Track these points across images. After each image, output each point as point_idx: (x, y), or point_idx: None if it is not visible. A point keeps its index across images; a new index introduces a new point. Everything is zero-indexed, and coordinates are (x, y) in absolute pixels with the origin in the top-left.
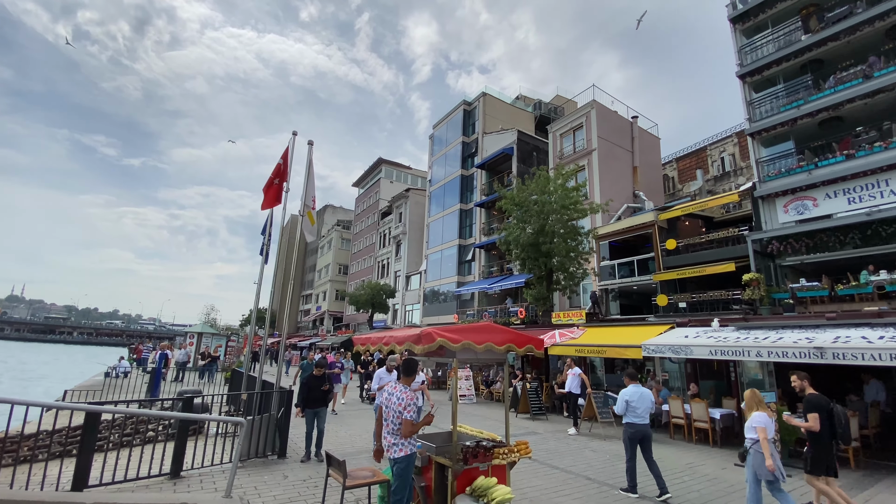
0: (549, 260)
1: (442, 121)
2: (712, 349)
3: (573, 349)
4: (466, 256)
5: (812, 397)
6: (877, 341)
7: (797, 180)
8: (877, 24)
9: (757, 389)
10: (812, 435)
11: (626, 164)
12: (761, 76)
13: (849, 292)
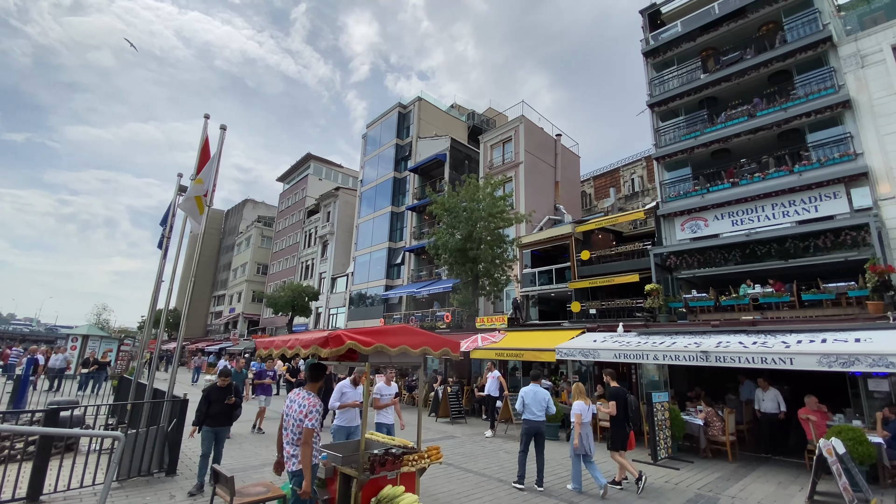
0: (476, 266)
1: (376, 121)
2: (616, 352)
3: (493, 353)
4: (396, 260)
5: (613, 389)
6: (751, 346)
7: (692, 202)
8: (761, 69)
9: (581, 383)
10: (612, 419)
11: (549, 179)
12: (667, 107)
13: (730, 303)
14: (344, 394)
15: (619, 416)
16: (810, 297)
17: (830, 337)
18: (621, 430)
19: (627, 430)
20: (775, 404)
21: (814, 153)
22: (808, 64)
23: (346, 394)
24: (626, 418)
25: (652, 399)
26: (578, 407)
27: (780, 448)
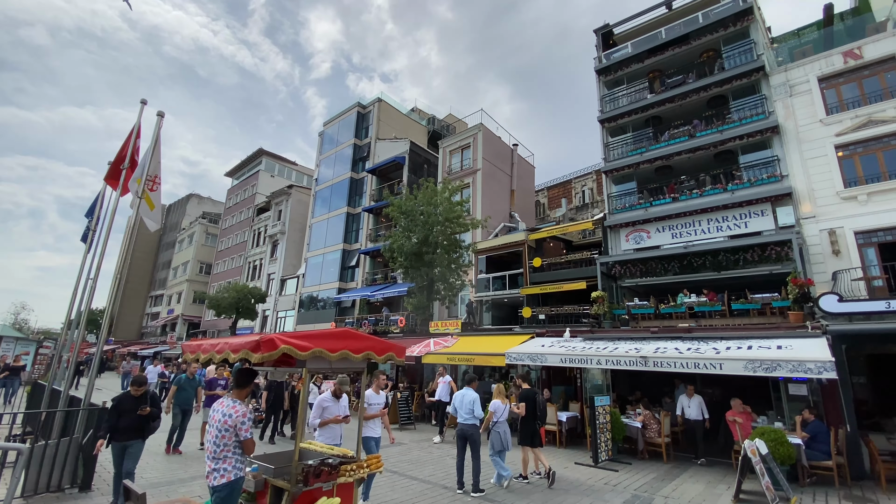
0: (432, 270)
1: (334, 119)
2: (563, 357)
3: (445, 357)
4: (350, 262)
5: (523, 391)
6: (685, 352)
7: (636, 215)
8: (701, 93)
9: (502, 385)
10: (522, 417)
11: (505, 187)
12: (616, 124)
13: (669, 311)
14: (325, 408)
15: (528, 416)
16: (739, 306)
17: (756, 344)
18: (529, 427)
19: (536, 427)
20: (699, 411)
21: (745, 173)
22: (743, 90)
23: (328, 408)
24: (535, 416)
25: (594, 403)
26: (494, 405)
27: (709, 450)
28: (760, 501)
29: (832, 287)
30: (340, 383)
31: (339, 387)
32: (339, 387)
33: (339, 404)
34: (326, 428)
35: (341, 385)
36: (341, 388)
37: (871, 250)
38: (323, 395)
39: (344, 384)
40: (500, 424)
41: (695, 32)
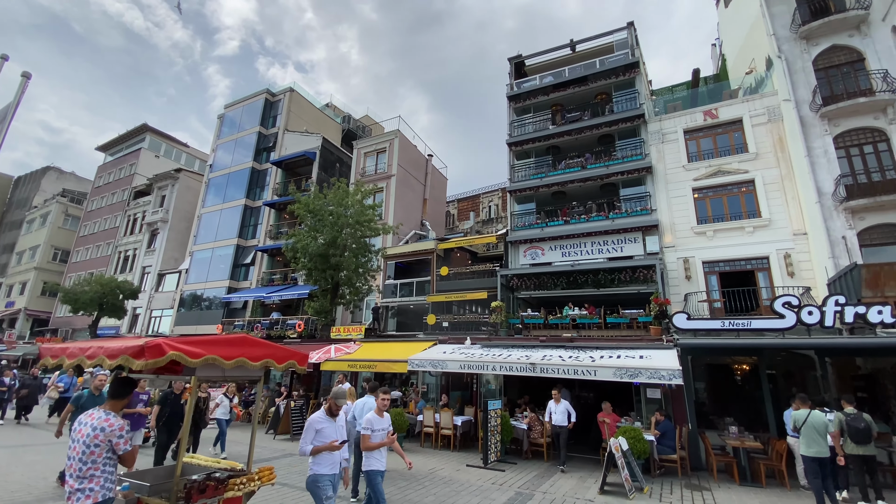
0: (337, 273)
1: (238, 102)
2: (462, 364)
3: (346, 364)
4: (245, 259)
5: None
6: (567, 360)
7: (534, 233)
8: (593, 130)
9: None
10: None
11: (418, 195)
12: (522, 148)
13: (556, 322)
14: (319, 430)
15: None
16: (612, 320)
17: (623, 354)
18: None
19: None
20: (565, 417)
21: (624, 205)
22: (627, 132)
23: (322, 430)
24: None
25: (487, 406)
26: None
27: (581, 448)
28: (620, 491)
29: (683, 307)
30: (335, 397)
31: (335, 402)
32: (333, 402)
33: (336, 425)
34: (320, 457)
35: (336, 399)
36: (337, 404)
37: (714, 277)
38: (316, 415)
39: (340, 398)
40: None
41: (592, 76)
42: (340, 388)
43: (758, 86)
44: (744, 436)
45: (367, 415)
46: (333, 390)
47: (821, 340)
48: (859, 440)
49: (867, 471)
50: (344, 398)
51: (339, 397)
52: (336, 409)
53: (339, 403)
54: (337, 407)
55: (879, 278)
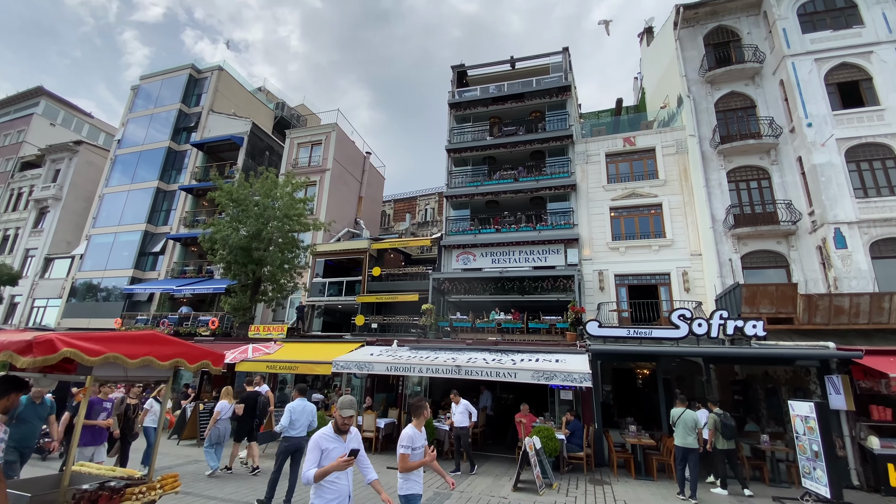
0: (260, 268)
1: (158, 75)
2: (389, 366)
3: (264, 365)
4: (154, 247)
5: (245, 393)
6: (490, 362)
7: (467, 239)
8: (527, 146)
9: (230, 387)
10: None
11: (354, 193)
12: (460, 155)
13: (483, 325)
14: (325, 451)
15: (245, 415)
16: (534, 325)
17: (542, 357)
18: (245, 426)
19: (253, 426)
20: (465, 417)
21: (550, 218)
22: (557, 150)
23: (328, 451)
24: (253, 416)
25: None
26: (220, 405)
27: (499, 447)
28: (532, 488)
29: (596, 315)
30: (343, 407)
31: (344, 417)
32: (342, 418)
33: (347, 445)
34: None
35: (343, 411)
36: (346, 420)
37: (623, 289)
38: (322, 432)
39: (347, 409)
40: (222, 422)
41: (528, 93)
42: (349, 399)
43: (670, 120)
44: (641, 434)
45: (405, 430)
46: (340, 401)
47: (706, 349)
48: (728, 436)
49: (728, 462)
50: (353, 410)
51: (346, 408)
52: (347, 427)
53: (349, 421)
54: (347, 424)
55: (756, 297)
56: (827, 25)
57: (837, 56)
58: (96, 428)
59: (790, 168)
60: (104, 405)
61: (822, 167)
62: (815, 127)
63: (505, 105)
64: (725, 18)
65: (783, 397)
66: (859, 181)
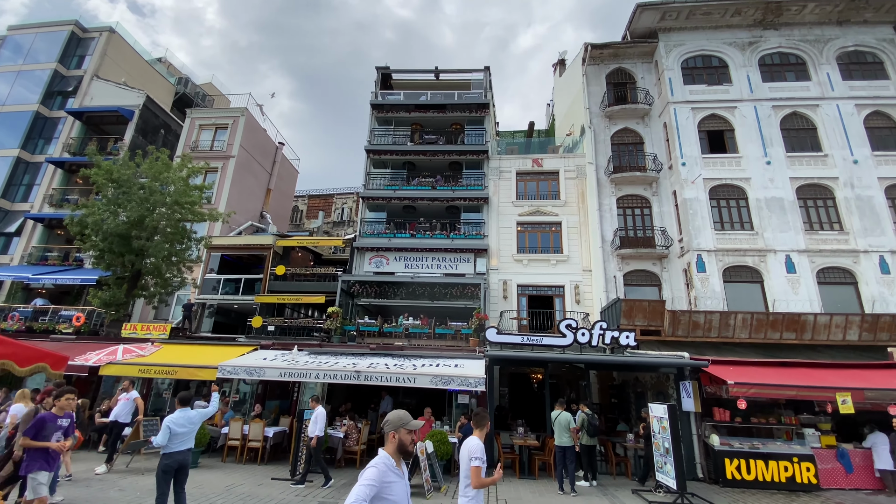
0: (142, 259)
1: (32, 26)
2: (283, 371)
3: (136, 369)
4: (7, 226)
5: None
6: (392, 367)
7: (381, 242)
8: (446, 156)
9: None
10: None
11: (262, 184)
12: (380, 157)
13: (390, 330)
14: (388, 485)
15: None
16: (441, 330)
17: (443, 362)
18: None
19: None
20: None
21: (463, 227)
22: (473, 163)
23: (389, 485)
24: None
25: (303, 416)
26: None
27: None
28: (420, 492)
29: (499, 322)
30: (401, 426)
31: (403, 435)
32: (411, 434)
33: (405, 474)
34: None
35: (410, 424)
36: (414, 438)
37: (524, 298)
38: (385, 462)
39: (413, 423)
40: None
41: (450, 105)
42: (404, 415)
43: (573, 147)
44: (527, 435)
45: (474, 442)
46: (395, 417)
47: (587, 357)
48: (592, 434)
49: (588, 457)
50: (410, 427)
51: (401, 426)
52: (413, 444)
53: (411, 428)
54: (414, 440)
55: (633, 311)
56: (704, 80)
57: (709, 107)
58: (47, 451)
59: (667, 200)
60: (59, 423)
61: (690, 201)
62: (688, 166)
63: (427, 113)
64: (625, 62)
65: (648, 400)
66: (718, 216)
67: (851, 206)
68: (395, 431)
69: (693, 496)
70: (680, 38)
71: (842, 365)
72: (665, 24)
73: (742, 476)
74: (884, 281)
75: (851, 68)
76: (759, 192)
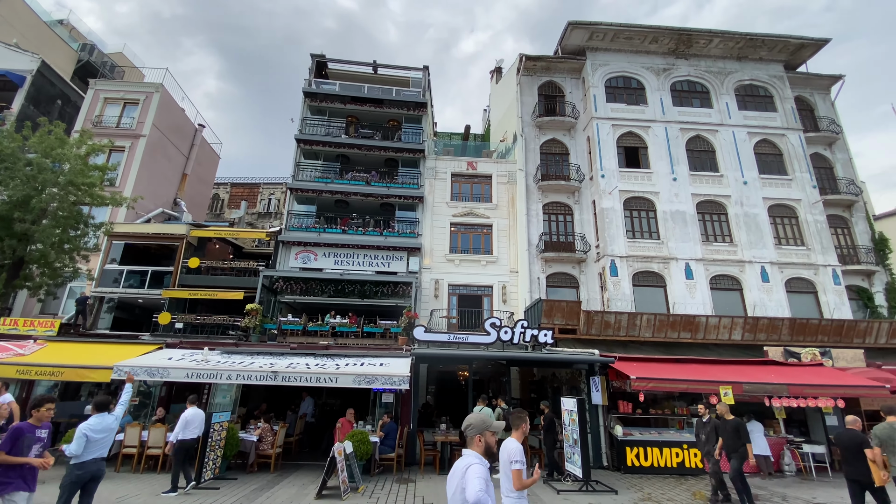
0: (26, 245)
1: None
2: (190, 372)
3: (13, 370)
4: None
5: None
6: (313, 367)
7: (310, 237)
8: (382, 152)
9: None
10: None
11: (177, 168)
12: (311, 148)
13: (315, 329)
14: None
15: None
16: (369, 329)
17: (367, 361)
18: None
19: None
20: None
21: (397, 225)
22: (409, 161)
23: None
24: None
25: (212, 420)
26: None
27: (314, 456)
28: (336, 494)
29: (429, 321)
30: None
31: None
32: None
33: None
34: None
35: (494, 426)
36: (493, 442)
37: (455, 298)
38: (479, 461)
39: (487, 429)
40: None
41: (388, 101)
42: (486, 418)
43: (506, 153)
44: (449, 432)
45: (512, 444)
46: (478, 421)
47: (508, 354)
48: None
49: None
50: (493, 427)
51: (487, 428)
52: (495, 448)
53: (494, 430)
54: (494, 446)
55: (553, 310)
56: (624, 99)
57: (627, 125)
58: (27, 467)
59: (587, 208)
60: (38, 434)
61: (607, 211)
62: (607, 178)
63: (364, 107)
64: (556, 76)
65: (564, 395)
66: (630, 225)
67: (740, 221)
68: (481, 435)
69: (597, 483)
70: (605, 59)
71: (727, 361)
72: (593, 43)
73: (640, 463)
74: (763, 288)
75: (746, 100)
76: (666, 206)
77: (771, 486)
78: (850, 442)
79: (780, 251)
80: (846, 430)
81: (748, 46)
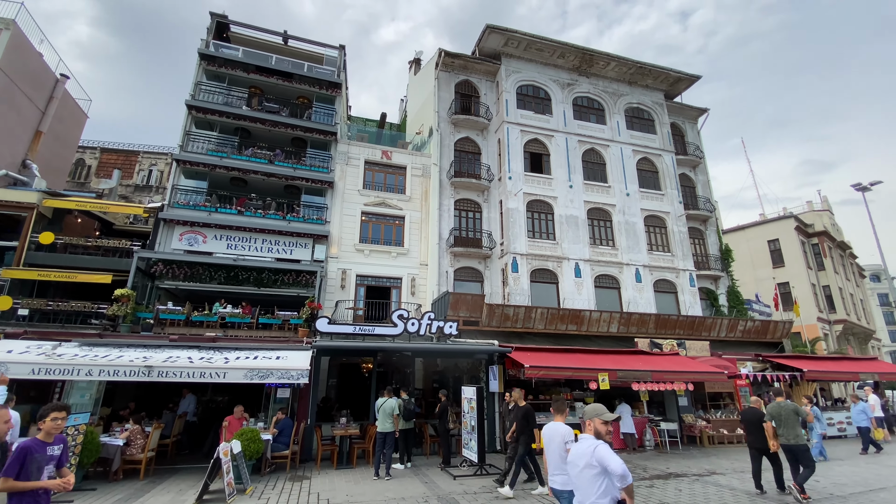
0: None
1: None
2: (37, 367)
3: None
4: None
5: None
6: (197, 361)
7: (199, 216)
8: (289, 129)
9: None
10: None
11: (29, 123)
12: (205, 117)
13: (201, 319)
14: None
15: None
16: (265, 320)
17: (261, 354)
18: None
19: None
20: None
21: (303, 210)
22: (319, 144)
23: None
24: None
25: (67, 423)
26: None
27: (195, 458)
28: (220, 497)
29: (334, 312)
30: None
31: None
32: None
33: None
34: None
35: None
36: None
37: (362, 289)
38: (595, 441)
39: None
40: None
41: (298, 76)
42: (600, 407)
43: (422, 146)
44: (349, 425)
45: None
46: (591, 409)
47: (413, 345)
48: (407, 417)
49: (404, 440)
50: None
51: (598, 416)
52: (607, 436)
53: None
54: (606, 434)
55: (458, 303)
56: (532, 107)
57: (534, 132)
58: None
59: (494, 207)
60: (48, 451)
61: (512, 211)
62: (513, 180)
63: (270, 78)
64: (472, 76)
65: (465, 384)
66: (531, 226)
67: (622, 228)
68: (591, 420)
69: (490, 466)
70: (518, 66)
71: (605, 351)
72: (508, 49)
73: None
74: (637, 287)
75: (633, 121)
76: (562, 210)
77: (635, 459)
78: (753, 417)
79: (651, 256)
80: (749, 407)
81: (638, 73)
